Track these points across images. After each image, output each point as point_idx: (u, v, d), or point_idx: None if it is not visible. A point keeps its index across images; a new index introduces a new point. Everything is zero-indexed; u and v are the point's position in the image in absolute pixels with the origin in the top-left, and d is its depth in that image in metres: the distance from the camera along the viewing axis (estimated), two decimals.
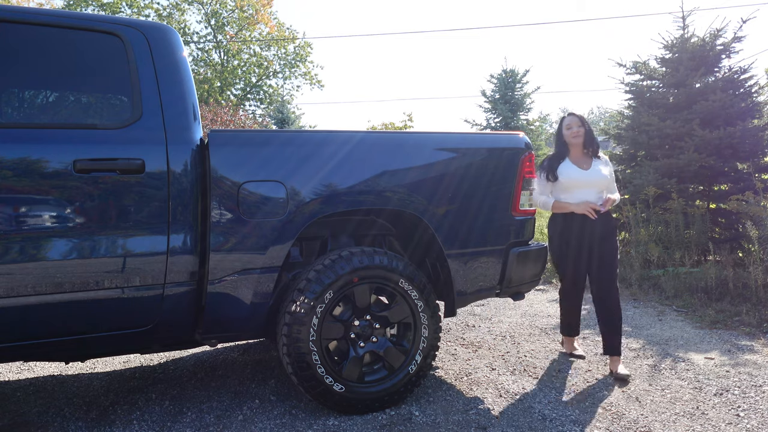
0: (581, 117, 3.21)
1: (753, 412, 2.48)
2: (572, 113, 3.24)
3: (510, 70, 15.73)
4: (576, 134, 3.16)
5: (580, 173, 3.13)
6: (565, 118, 3.26)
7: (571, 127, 3.17)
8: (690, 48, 6.23)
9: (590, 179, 3.12)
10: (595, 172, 3.13)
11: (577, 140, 3.16)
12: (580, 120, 3.19)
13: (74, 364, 3.29)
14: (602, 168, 3.16)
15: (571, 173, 3.13)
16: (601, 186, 3.14)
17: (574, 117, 3.21)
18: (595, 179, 3.12)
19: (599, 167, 3.15)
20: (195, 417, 2.50)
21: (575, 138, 3.16)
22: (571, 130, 3.17)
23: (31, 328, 2.07)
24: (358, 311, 2.50)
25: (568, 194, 3.11)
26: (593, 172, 3.13)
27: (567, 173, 3.13)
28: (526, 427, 2.37)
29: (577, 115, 3.22)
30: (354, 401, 2.44)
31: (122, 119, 2.23)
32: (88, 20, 2.29)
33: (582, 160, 3.19)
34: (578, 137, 3.16)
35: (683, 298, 4.68)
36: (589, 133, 3.17)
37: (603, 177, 3.13)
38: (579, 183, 3.11)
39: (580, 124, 3.17)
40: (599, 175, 3.13)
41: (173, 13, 21.90)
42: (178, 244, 2.21)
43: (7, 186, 1.98)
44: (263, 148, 2.42)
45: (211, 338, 2.46)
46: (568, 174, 3.12)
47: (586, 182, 3.11)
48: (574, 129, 3.16)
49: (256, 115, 23.11)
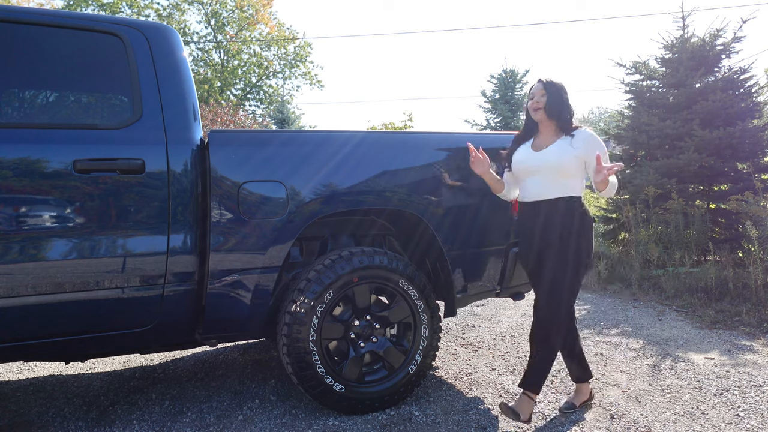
0: (549, 83, 2.40)
1: (753, 412, 2.48)
2: (541, 79, 2.44)
3: (510, 70, 15.73)
4: (535, 105, 2.39)
5: (527, 156, 2.42)
6: (532, 87, 2.49)
7: (533, 96, 2.42)
8: (690, 48, 6.23)
9: (537, 164, 2.36)
10: (547, 154, 2.35)
11: (536, 114, 2.41)
12: (544, 87, 2.40)
13: (74, 364, 3.29)
14: (563, 147, 2.34)
15: (521, 157, 2.45)
16: (558, 171, 2.33)
17: (540, 83, 2.42)
18: (545, 163, 2.34)
19: (559, 146, 2.35)
20: (195, 417, 2.50)
21: (534, 110, 2.41)
22: (532, 99, 2.43)
23: (32, 328, 2.07)
24: (358, 311, 2.50)
25: (523, 183, 2.47)
26: (545, 154, 2.36)
27: (517, 157, 2.47)
28: (526, 427, 2.37)
29: (545, 81, 2.41)
30: (354, 401, 2.44)
31: (122, 119, 2.24)
32: (88, 20, 2.29)
33: (548, 138, 2.43)
34: (538, 109, 2.39)
35: (683, 298, 4.68)
36: (552, 103, 2.37)
37: (556, 160, 2.32)
38: (525, 169, 2.42)
39: (543, 92, 2.39)
40: (550, 157, 2.33)
41: (173, 13, 21.89)
42: (178, 244, 2.21)
43: (7, 186, 1.98)
44: (263, 148, 2.42)
45: (211, 338, 2.46)
46: (517, 158, 2.47)
47: (534, 167, 2.37)
48: (536, 98, 2.40)
49: (256, 115, 23.10)
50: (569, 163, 2.32)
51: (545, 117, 2.40)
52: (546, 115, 2.39)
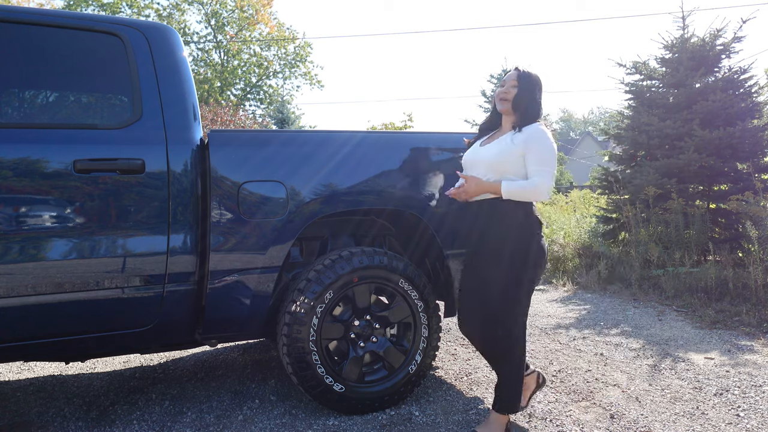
0: (525, 74, 2.19)
1: (753, 412, 2.48)
2: (518, 68, 2.23)
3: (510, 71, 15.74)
4: (503, 95, 2.18)
5: (473, 151, 2.28)
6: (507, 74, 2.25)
7: (504, 85, 2.21)
8: (690, 48, 6.23)
9: (476, 158, 2.22)
10: (487, 149, 2.20)
11: (502, 104, 2.19)
12: (518, 77, 2.18)
13: (74, 364, 3.29)
14: (504, 142, 2.15)
15: (468, 152, 2.31)
16: (493, 168, 2.14)
17: (515, 71, 2.21)
18: (481, 159, 2.19)
19: (500, 141, 2.18)
20: (195, 417, 2.50)
21: (501, 101, 2.19)
22: (501, 88, 2.21)
23: (32, 328, 2.07)
24: (358, 311, 2.50)
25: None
26: (486, 149, 2.21)
27: (467, 152, 2.33)
28: (526, 427, 2.37)
29: (521, 71, 2.20)
30: (354, 401, 2.44)
31: (122, 119, 2.24)
32: (88, 20, 2.29)
33: (501, 133, 2.27)
34: (505, 100, 2.17)
35: (683, 298, 4.68)
36: (521, 97, 2.15)
37: (491, 156, 2.15)
38: (468, 164, 2.28)
39: (515, 82, 2.17)
40: (487, 153, 2.18)
41: (173, 13, 21.90)
42: (178, 244, 2.21)
43: (7, 186, 1.98)
44: (263, 148, 2.42)
45: (211, 338, 2.46)
46: (466, 152, 2.33)
47: (473, 163, 2.24)
48: (506, 87, 2.19)
49: (256, 115, 23.11)
50: (507, 160, 2.11)
51: (510, 110, 2.19)
52: (511, 108, 2.17)
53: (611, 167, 7.30)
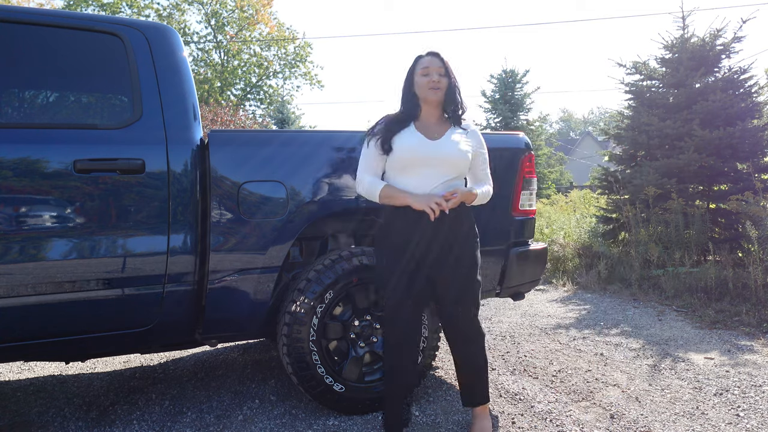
0: (447, 62, 2.09)
1: (753, 412, 2.48)
2: (433, 51, 2.09)
3: (510, 70, 15.73)
4: (436, 84, 2.05)
5: (424, 144, 2.05)
6: (422, 58, 2.09)
7: (430, 73, 2.06)
8: (690, 48, 6.24)
9: (439, 154, 2.04)
10: (448, 144, 2.05)
11: (435, 94, 2.06)
12: (442, 62, 2.07)
13: (74, 364, 3.29)
14: (461, 140, 2.08)
15: (412, 142, 2.05)
16: (457, 167, 2.07)
17: (436, 57, 2.08)
18: (446, 155, 2.04)
19: (456, 138, 2.08)
20: (195, 417, 2.50)
21: (433, 90, 2.06)
22: (429, 77, 2.06)
23: (31, 328, 2.07)
24: (358, 311, 2.50)
25: (406, 176, 2.07)
26: (444, 144, 2.05)
27: (405, 142, 2.05)
28: (526, 427, 2.37)
29: (443, 58, 2.08)
30: (354, 401, 2.44)
31: (122, 119, 2.24)
32: (88, 20, 2.29)
33: (435, 125, 2.11)
34: (438, 90, 2.06)
35: (683, 298, 4.68)
36: (452, 88, 2.09)
37: (459, 153, 2.05)
38: (422, 159, 2.03)
39: (443, 70, 2.07)
40: (453, 149, 2.05)
41: (173, 13, 21.90)
42: (178, 244, 2.21)
43: (7, 186, 1.98)
44: (263, 148, 2.42)
45: (211, 338, 2.46)
46: (407, 144, 2.05)
47: (432, 158, 2.03)
48: (434, 76, 2.05)
49: (257, 115, 23.11)
50: (466, 158, 2.08)
51: (440, 101, 2.09)
52: (443, 98, 2.08)
53: (611, 167, 7.31)
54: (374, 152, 2.10)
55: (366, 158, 2.13)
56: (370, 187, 2.08)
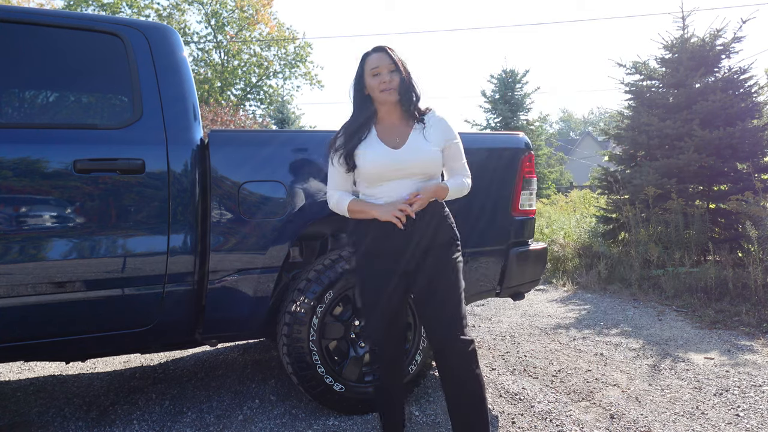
0: (395, 55, 1.88)
1: (753, 412, 2.48)
2: (380, 47, 1.90)
3: (510, 71, 15.75)
4: (388, 84, 1.86)
5: (387, 155, 1.86)
6: (369, 56, 1.90)
7: (380, 73, 1.86)
8: (690, 48, 6.24)
9: (404, 163, 1.85)
10: (412, 151, 1.87)
11: (390, 95, 1.87)
12: (391, 58, 1.87)
13: (74, 364, 3.29)
14: (425, 139, 1.89)
15: (374, 155, 1.87)
16: (427, 169, 1.88)
17: (383, 53, 1.88)
18: (412, 162, 1.86)
19: (420, 138, 1.89)
20: (195, 417, 2.50)
21: (386, 92, 1.86)
22: (379, 77, 1.86)
23: (31, 328, 2.07)
24: (358, 311, 2.50)
25: (376, 188, 1.91)
26: (408, 151, 1.87)
27: (368, 156, 1.88)
28: (526, 427, 2.37)
29: (387, 50, 1.88)
30: (354, 401, 2.44)
31: (122, 119, 2.23)
32: (88, 20, 2.29)
33: (395, 128, 1.93)
34: (391, 90, 1.86)
35: (683, 298, 4.68)
36: (405, 82, 1.88)
37: (426, 156, 1.87)
38: (388, 171, 1.86)
39: (392, 66, 1.86)
40: (418, 154, 1.86)
41: (173, 13, 21.90)
42: (178, 244, 2.21)
43: (7, 186, 1.98)
44: (263, 148, 2.42)
45: (211, 338, 2.46)
46: (369, 158, 1.87)
47: (398, 169, 1.86)
48: (385, 75, 1.86)
49: (256, 115, 23.12)
50: (435, 160, 1.89)
51: (395, 101, 1.89)
52: (398, 98, 1.89)
53: (611, 167, 7.31)
54: (339, 169, 1.93)
55: (332, 175, 1.97)
56: (338, 204, 1.95)
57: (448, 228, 1.95)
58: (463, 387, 1.82)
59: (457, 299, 1.86)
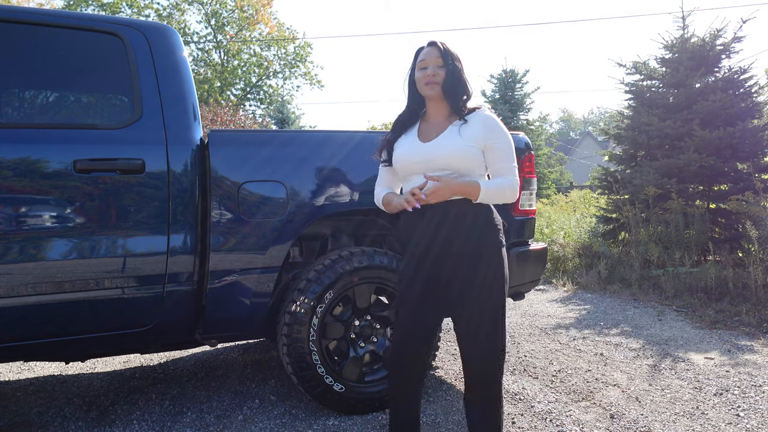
0: (447, 51, 1.82)
1: (753, 412, 2.48)
2: (433, 41, 1.85)
3: (510, 70, 15.75)
4: (431, 78, 1.80)
5: (415, 149, 1.83)
6: (421, 50, 1.86)
7: (426, 67, 1.82)
8: (690, 48, 6.24)
9: (429, 157, 1.78)
10: (439, 145, 1.78)
11: (431, 89, 1.81)
12: (441, 55, 1.81)
13: (74, 364, 3.29)
14: (459, 135, 1.78)
15: (405, 149, 1.86)
16: (453, 166, 1.76)
17: (434, 47, 1.83)
18: (436, 156, 1.77)
19: (453, 134, 1.79)
20: (195, 417, 2.50)
21: (428, 86, 1.81)
22: (425, 71, 1.81)
23: (31, 328, 2.07)
24: (358, 311, 2.50)
25: (407, 184, 1.88)
26: (435, 145, 1.79)
27: (400, 150, 1.87)
28: (526, 427, 2.37)
29: (442, 48, 1.82)
30: (354, 401, 2.44)
31: (122, 119, 2.23)
32: (88, 20, 2.29)
33: (438, 124, 1.86)
34: (432, 85, 1.80)
35: (683, 298, 4.68)
36: (451, 79, 1.80)
37: (452, 151, 1.76)
38: (414, 165, 1.82)
39: (440, 61, 1.81)
40: (443, 149, 1.77)
41: (173, 13, 21.90)
42: (178, 244, 2.21)
43: (7, 186, 1.98)
44: (263, 148, 2.42)
45: (211, 338, 2.46)
46: (400, 151, 1.87)
47: (423, 163, 1.79)
48: (430, 69, 1.80)
49: (256, 115, 23.12)
50: (466, 155, 1.76)
51: (440, 95, 1.83)
52: (442, 92, 1.82)
53: (611, 167, 7.31)
54: (382, 162, 1.96)
55: (380, 171, 2.01)
56: (377, 198, 1.98)
57: (487, 234, 1.77)
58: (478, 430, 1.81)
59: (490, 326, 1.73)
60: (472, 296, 1.74)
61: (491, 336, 1.75)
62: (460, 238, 1.75)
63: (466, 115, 1.82)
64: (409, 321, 1.83)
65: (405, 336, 1.83)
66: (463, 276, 1.75)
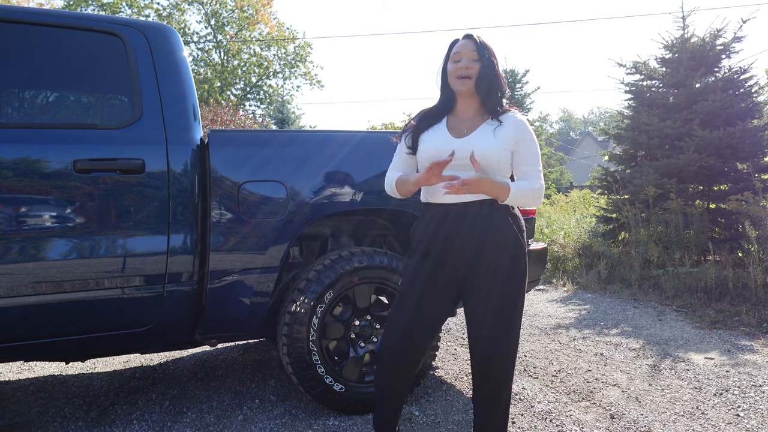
0: (483, 45, 1.76)
1: (753, 412, 2.48)
2: (469, 34, 1.80)
3: (510, 70, 15.76)
4: (465, 71, 1.75)
5: (446, 143, 1.76)
6: (456, 43, 1.81)
7: (460, 59, 1.76)
8: (690, 48, 6.24)
9: (458, 152, 1.70)
10: (472, 142, 1.73)
11: (463, 84, 1.76)
12: (477, 49, 1.76)
13: (74, 364, 3.29)
14: (491, 135, 1.74)
15: (434, 141, 1.79)
16: (487, 166, 1.69)
17: (469, 40, 1.78)
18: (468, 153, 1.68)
19: (488, 134, 1.74)
20: (195, 417, 2.50)
21: (460, 80, 1.76)
22: (458, 63, 1.77)
23: (32, 328, 2.07)
24: (358, 311, 2.50)
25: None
26: (468, 142, 1.74)
27: (429, 141, 1.81)
28: (526, 427, 2.37)
29: (478, 41, 1.77)
30: (354, 401, 2.44)
31: (122, 119, 2.24)
32: (88, 20, 2.29)
33: (468, 120, 1.81)
34: (465, 79, 1.76)
35: (683, 298, 4.68)
36: (485, 74, 1.75)
37: (485, 149, 1.70)
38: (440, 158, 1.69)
39: (475, 55, 1.75)
40: (480, 145, 1.71)
41: (173, 13, 21.89)
42: (178, 244, 2.21)
43: (7, 186, 1.98)
44: (263, 148, 2.42)
45: (211, 338, 2.46)
46: (429, 142, 1.80)
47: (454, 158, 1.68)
48: (464, 62, 1.75)
49: (256, 115, 23.11)
50: (498, 156, 1.73)
51: (472, 91, 1.78)
52: (474, 88, 1.77)
53: (611, 167, 7.31)
54: (403, 149, 1.89)
55: (396, 155, 1.93)
56: (389, 182, 1.90)
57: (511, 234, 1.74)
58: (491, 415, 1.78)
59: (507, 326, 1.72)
60: (493, 295, 1.72)
61: (507, 337, 1.73)
62: (488, 237, 1.73)
63: (500, 116, 1.78)
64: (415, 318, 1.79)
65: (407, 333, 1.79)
66: (484, 274, 1.73)
